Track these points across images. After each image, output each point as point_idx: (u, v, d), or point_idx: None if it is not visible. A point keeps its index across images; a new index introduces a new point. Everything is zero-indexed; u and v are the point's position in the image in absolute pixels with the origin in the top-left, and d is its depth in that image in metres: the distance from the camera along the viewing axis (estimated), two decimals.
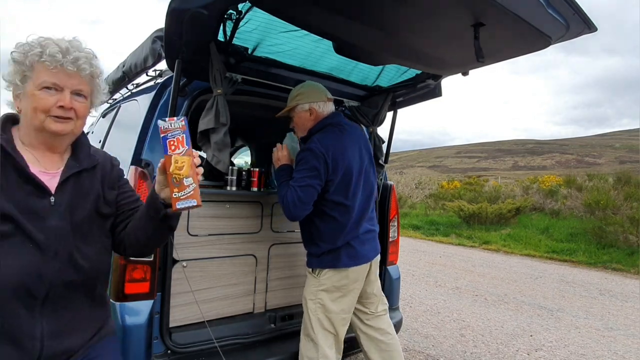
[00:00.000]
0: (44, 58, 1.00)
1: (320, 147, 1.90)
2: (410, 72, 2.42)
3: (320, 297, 1.99)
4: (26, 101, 1.03)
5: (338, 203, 1.96)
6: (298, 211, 1.90)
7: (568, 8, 1.51)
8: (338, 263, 1.97)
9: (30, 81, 1.02)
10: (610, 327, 4.09)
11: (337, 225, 1.98)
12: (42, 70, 1.01)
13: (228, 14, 1.68)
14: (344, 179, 1.95)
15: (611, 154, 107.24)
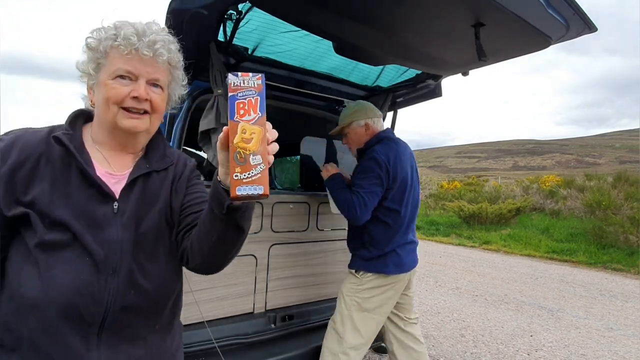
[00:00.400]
0: (118, 42, 0.89)
1: (383, 157, 2.04)
2: (410, 72, 2.43)
3: (358, 296, 2.08)
4: (99, 92, 0.91)
5: (393, 210, 2.07)
6: (364, 215, 2.00)
7: (568, 8, 1.51)
8: (384, 269, 2.07)
9: (103, 69, 0.91)
10: (611, 327, 4.09)
11: (388, 232, 2.09)
12: (117, 56, 0.89)
13: (228, 14, 1.68)
14: (400, 188, 2.07)
15: (611, 154, 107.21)
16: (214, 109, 1.83)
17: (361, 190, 2.02)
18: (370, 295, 2.07)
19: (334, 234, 2.73)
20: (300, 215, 2.56)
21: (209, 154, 1.88)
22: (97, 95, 0.91)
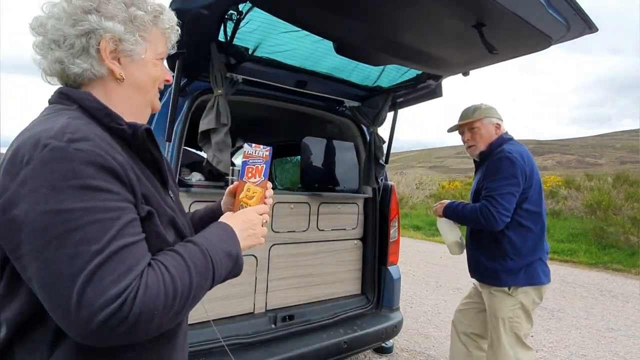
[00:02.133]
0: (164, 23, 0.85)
1: (516, 155, 1.93)
2: (410, 73, 2.43)
3: (518, 315, 1.98)
4: (141, 69, 0.81)
5: (533, 212, 1.96)
6: (502, 218, 1.89)
7: (569, 8, 1.51)
8: (536, 279, 1.96)
9: (148, 46, 0.82)
10: (611, 327, 4.09)
11: (532, 237, 1.97)
12: (160, 36, 0.85)
13: (229, 14, 1.68)
14: (536, 187, 1.97)
15: (612, 154, 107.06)
16: (214, 109, 1.84)
17: (494, 192, 1.91)
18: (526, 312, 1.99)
19: (334, 234, 2.73)
20: (301, 215, 2.56)
21: (208, 154, 1.88)
22: (136, 72, 0.81)
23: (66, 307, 0.58)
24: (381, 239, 2.84)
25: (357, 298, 2.81)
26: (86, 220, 0.61)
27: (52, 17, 0.75)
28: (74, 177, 0.61)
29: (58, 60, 0.76)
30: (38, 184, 0.61)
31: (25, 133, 0.67)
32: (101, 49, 0.76)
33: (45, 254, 0.59)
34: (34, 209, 0.60)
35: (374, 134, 2.64)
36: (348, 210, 2.78)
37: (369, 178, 2.66)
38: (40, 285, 0.60)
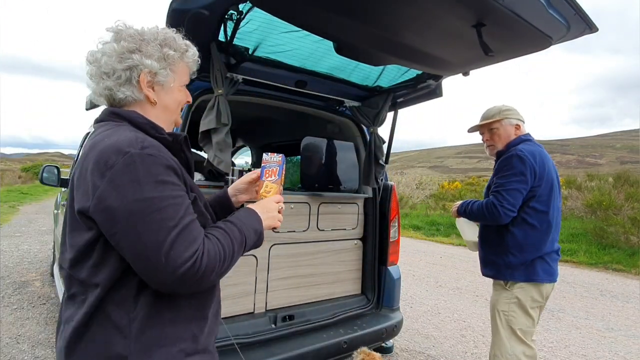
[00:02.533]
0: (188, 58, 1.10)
1: (527, 153, 1.99)
2: (410, 73, 2.42)
3: (513, 309, 2.03)
4: (168, 94, 1.06)
5: (540, 211, 2.01)
6: (507, 212, 1.95)
7: (569, 8, 1.51)
8: (534, 276, 2.00)
9: (176, 76, 1.06)
10: (611, 327, 4.09)
11: (536, 234, 2.01)
12: (184, 68, 1.10)
13: (229, 14, 1.68)
14: (546, 187, 2.01)
15: (612, 154, 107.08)
16: (214, 109, 1.83)
17: (501, 188, 1.98)
18: (522, 307, 2.02)
19: (334, 234, 2.73)
20: (301, 215, 2.56)
21: (209, 154, 1.88)
22: (165, 97, 1.05)
23: (155, 267, 0.84)
24: (381, 239, 2.84)
25: (357, 298, 2.81)
26: (163, 205, 0.86)
27: (105, 54, 0.98)
28: (150, 174, 0.86)
29: (107, 87, 1.00)
30: (124, 180, 0.84)
31: (101, 144, 0.89)
32: (140, 80, 1.00)
33: (137, 229, 0.83)
34: (124, 199, 0.83)
35: (374, 134, 2.64)
36: (348, 210, 2.78)
37: (369, 178, 2.66)
38: (133, 253, 0.85)
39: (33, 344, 3.17)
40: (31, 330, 3.44)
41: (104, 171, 0.85)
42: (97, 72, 0.99)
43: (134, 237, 0.84)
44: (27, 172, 28.25)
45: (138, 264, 0.86)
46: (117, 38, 0.99)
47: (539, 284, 2.02)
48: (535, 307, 2.05)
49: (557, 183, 2.13)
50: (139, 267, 0.87)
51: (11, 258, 5.96)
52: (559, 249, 2.13)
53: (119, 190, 0.84)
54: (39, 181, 3.86)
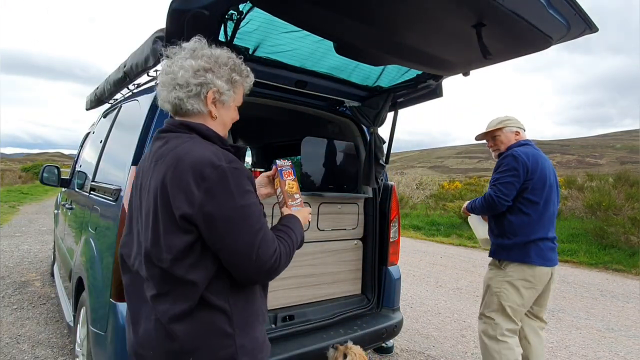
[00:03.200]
0: (247, 84, 1.26)
1: (521, 153, 2.32)
2: (411, 73, 2.42)
3: (505, 287, 2.31)
4: (227, 112, 1.22)
5: (533, 202, 2.31)
6: (502, 201, 2.29)
7: (569, 8, 1.51)
8: (526, 258, 2.27)
9: (235, 98, 1.22)
10: (612, 328, 4.08)
11: (529, 221, 2.30)
12: (241, 92, 1.25)
13: (229, 14, 1.68)
14: (539, 181, 2.31)
15: (612, 155, 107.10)
16: None
17: (497, 182, 2.32)
18: (514, 286, 2.29)
19: (334, 234, 2.72)
20: None
21: None
22: (224, 114, 1.21)
23: (248, 264, 1.03)
24: (381, 239, 2.84)
25: (357, 298, 2.80)
26: (251, 211, 1.05)
27: (182, 68, 1.12)
28: (239, 185, 1.04)
29: (178, 97, 1.13)
30: (219, 191, 1.01)
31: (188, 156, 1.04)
32: (208, 96, 1.14)
33: (233, 232, 1.02)
34: (221, 207, 1.01)
35: (374, 134, 2.64)
36: (348, 210, 2.78)
37: (369, 178, 2.66)
38: (229, 252, 1.03)
39: (33, 344, 3.18)
40: (31, 330, 3.44)
41: (200, 183, 1.00)
42: (170, 82, 1.13)
43: (230, 239, 1.02)
44: (27, 172, 28.25)
45: (233, 261, 1.04)
46: (193, 55, 1.14)
47: (532, 265, 2.26)
48: (528, 287, 2.29)
49: (555, 182, 2.42)
50: (233, 264, 1.05)
51: (11, 258, 5.97)
52: (555, 238, 2.38)
53: (216, 200, 1.01)
54: (39, 181, 3.87)
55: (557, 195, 2.43)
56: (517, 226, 2.30)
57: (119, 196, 1.97)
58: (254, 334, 1.15)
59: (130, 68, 2.41)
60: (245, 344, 1.12)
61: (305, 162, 2.70)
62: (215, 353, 1.08)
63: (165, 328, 1.07)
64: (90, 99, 3.71)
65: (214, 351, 1.09)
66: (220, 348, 1.09)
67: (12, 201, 14.46)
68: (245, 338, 1.12)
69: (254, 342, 1.15)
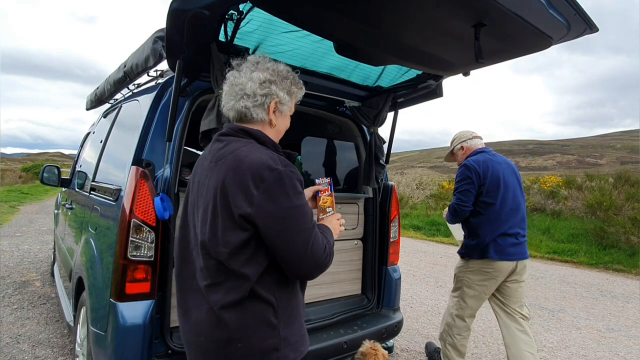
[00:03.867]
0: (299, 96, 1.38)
1: (472, 162, 2.63)
2: (411, 73, 2.42)
3: (467, 276, 2.67)
4: (283, 120, 1.33)
5: (489, 203, 2.58)
6: (463, 210, 2.59)
7: (569, 8, 1.51)
8: (487, 255, 2.56)
9: (290, 107, 1.34)
10: (612, 328, 4.08)
11: (487, 221, 2.57)
12: (295, 102, 1.37)
13: (229, 14, 1.68)
14: (492, 184, 2.57)
15: (612, 155, 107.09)
16: (214, 109, 1.83)
17: (456, 191, 2.65)
18: (475, 276, 2.63)
19: None
20: None
21: None
22: (281, 122, 1.33)
23: (302, 259, 1.13)
24: (381, 239, 2.84)
25: (358, 298, 2.80)
26: (304, 211, 1.15)
27: (250, 80, 1.24)
28: (293, 187, 1.13)
29: (245, 106, 1.25)
30: (277, 192, 1.11)
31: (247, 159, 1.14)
32: (270, 106, 1.26)
33: (290, 230, 1.12)
34: (279, 207, 1.10)
35: (374, 134, 2.63)
36: (348, 210, 2.78)
37: (370, 178, 2.66)
38: (286, 248, 1.12)
39: (33, 344, 3.18)
40: (31, 330, 3.44)
41: (259, 184, 1.10)
42: (239, 92, 1.25)
43: (287, 236, 1.11)
44: (27, 172, 28.25)
45: (289, 256, 1.13)
46: (258, 68, 1.26)
47: (491, 260, 2.55)
48: (488, 278, 2.60)
49: (512, 181, 2.65)
50: (289, 260, 1.14)
51: (12, 258, 5.97)
52: (519, 233, 2.61)
53: (274, 200, 1.10)
54: (39, 181, 3.87)
55: (518, 193, 2.67)
56: (477, 227, 2.60)
57: (119, 196, 1.97)
58: (296, 327, 1.25)
59: (130, 68, 2.42)
60: (287, 336, 1.22)
61: (305, 162, 2.69)
62: (261, 342, 1.18)
63: (217, 316, 1.16)
64: (90, 99, 3.71)
65: (260, 340, 1.18)
66: (266, 338, 1.18)
67: (13, 201, 14.46)
68: (287, 330, 1.22)
69: (296, 334, 1.25)
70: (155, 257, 1.84)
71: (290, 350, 1.22)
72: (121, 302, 1.78)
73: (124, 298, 1.78)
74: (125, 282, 1.78)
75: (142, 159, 1.94)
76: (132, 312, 1.78)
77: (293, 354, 1.23)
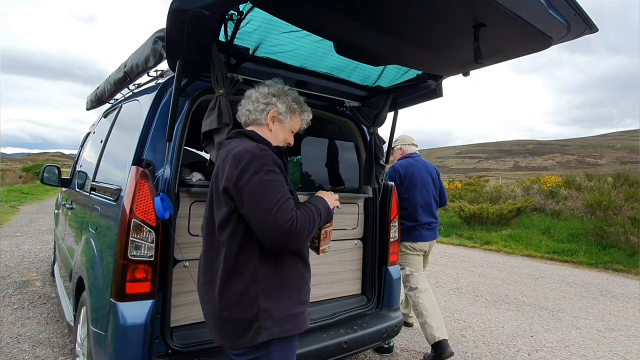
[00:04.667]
0: (304, 118, 1.67)
1: (397, 165, 3.52)
2: (411, 73, 2.42)
3: (404, 256, 3.39)
4: (281, 130, 1.60)
5: (407, 199, 3.41)
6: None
7: (569, 8, 1.51)
8: (410, 239, 3.38)
9: (290, 121, 1.61)
10: (611, 327, 4.09)
11: (407, 213, 3.39)
12: (298, 121, 1.65)
13: (229, 14, 1.68)
14: (410, 184, 3.42)
15: (612, 155, 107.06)
16: (215, 109, 1.83)
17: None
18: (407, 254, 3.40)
19: (334, 234, 2.72)
20: None
21: (211, 154, 1.88)
22: (279, 130, 1.59)
23: (268, 224, 1.29)
24: (381, 239, 2.84)
25: (358, 298, 2.81)
26: (273, 185, 1.33)
27: (257, 92, 1.60)
28: (265, 165, 1.34)
29: (249, 110, 1.59)
30: (249, 169, 1.33)
31: (235, 149, 1.40)
32: (269, 114, 1.57)
33: (257, 200, 1.31)
34: (249, 181, 1.32)
35: (374, 134, 2.64)
36: (348, 210, 2.78)
37: (369, 178, 2.66)
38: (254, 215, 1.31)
39: (34, 344, 3.18)
40: (32, 329, 3.45)
41: (237, 164, 1.34)
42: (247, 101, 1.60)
43: (255, 205, 1.30)
44: (27, 172, 28.24)
45: (256, 223, 1.31)
46: (267, 85, 1.61)
47: (413, 242, 3.39)
48: (414, 254, 3.40)
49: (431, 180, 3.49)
50: (256, 226, 1.32)
51: (12, 258, 5.97)
52: (432, 222, 3.45)
53: (246, 175, 1.32)
54: (39, 181, 3.87)
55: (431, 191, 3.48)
56: (403, 217, 3.36)
57: (119, 196, 1.97)
58: (284, 303, 1.39)
59: (130, 68, 2.42)
60: (269, 309, 1.36)
61: (305, 162, 2.70)
62: (242, 312, 1.35)
63: (211, 285, 1.41)
64: (90, 99, 3.71)
65: (241, 310, 1.35)
66: (247, 308, 1.35)
67: (13, 201, 14.46)
68: (270, 303, 1.37)
69: (283, 311, 1.38)
70: (155, 257, 1.84)
71: (273, 324, 1.35)
72: (121, 302, 1.78)
73: (124, 298, 1.78)
74: (126, 282, 1.78)
75: (142, 159, 1.94)
76: (133, 312, 1.78)
77: (277, 329, 1.36)
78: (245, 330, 1.35)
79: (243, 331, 1.35)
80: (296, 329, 1.41)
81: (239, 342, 1.36)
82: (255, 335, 1.34)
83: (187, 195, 2.06)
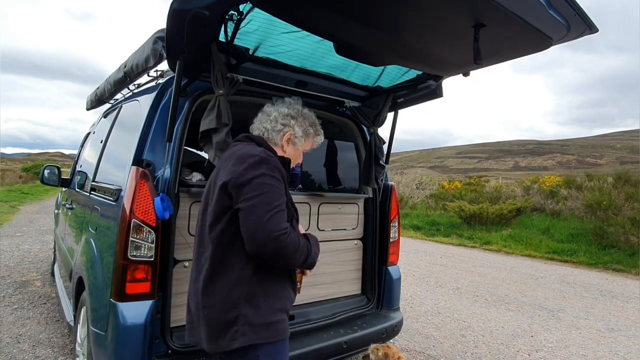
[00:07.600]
0: (317, 141, 1.70)
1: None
2: (411, 73, 2.42)
3: None
4: (294, 150, 1.63)
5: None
6: None
7: (569, 9, 1.51)
8: None
9: (304, 143, 1.64)
10: (611, 327, 4.09)
11: None
12: (310, 143, 1.68)
13: (229, 14, 1.68)
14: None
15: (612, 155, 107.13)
16: (215, 109, 1.83)
17: None
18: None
19: (334, 234, 2.73)
20: (301, 215, 2.56)
21: (209, 154, 1.88)
22: (292, 152, 1.63)
23: (261, 225, 1.28)
24: (381, 239, 2.84)
25: (358, 298, 2.81)
26: (273, 190, 1.34)
27: (277, 111, 1.62)
28: (269, 169, 1.36)
29: (266, 128, 1.60)
30: (254, 169, 1.34)
31: (240, 151, 1.42)
32: (285, 135, 1.60)
33: (254, 200, 1.30)
34: (252, 180, 1.32)
35: (374, 135, 2.63)
36: (348, 210, 2.78)
37: (369, 178, 2.66)
38: (247, 214, 1.30)
39: (34, 344, 3.18)
40: (32, 329, 3.45)
41: (242, 162, 1.36)
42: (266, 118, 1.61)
43: (253, 202, 1.30)
44: (27, 172, 28.23)
45: (248, 222, 1.30)
46: (287, 105, 1.63)
47: None
48: None
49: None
50: (247, 224, 1.30)
51: (12, 258, 5.97)
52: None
53: (249, 174, 1.33)
54: (39, 181, 3.87)
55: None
56: None
57: (119, 196, 1.97)
58: (261, 310, 1.36)
59: (130, 68, 2.41)
60: (248, 314, 1.34)
61: (305, 162, 2.69)
62: (222, 313, 1.34)
63: (199, 283, 1.39)
64: (90, 99, 3.71)
65: (221, 311, 1.35)
66: (228, 310, 1.34)
67: (13, 201, 14.46)
68: (249, 309, 1.34)
69: (260, 317, 1.36)
70: (155, 257, 1.84)
71: (250, 330, 1.33)
72: (121, 302, 1.78)
73: (124, 298, 1.78)
74: (126, 282, 1.78)
75: (142, 159, 1.94)
76: (133, 312, 1.78)
77: (253, 335, 1.33)
78: (222, 332, 1.33)
79: (220, 333, 1.34)
80: (272, 337, 1.38)
81: (215, 344, 1.34)
82: (231, 339, 1.32)
83: (187, 195, 2.06)
